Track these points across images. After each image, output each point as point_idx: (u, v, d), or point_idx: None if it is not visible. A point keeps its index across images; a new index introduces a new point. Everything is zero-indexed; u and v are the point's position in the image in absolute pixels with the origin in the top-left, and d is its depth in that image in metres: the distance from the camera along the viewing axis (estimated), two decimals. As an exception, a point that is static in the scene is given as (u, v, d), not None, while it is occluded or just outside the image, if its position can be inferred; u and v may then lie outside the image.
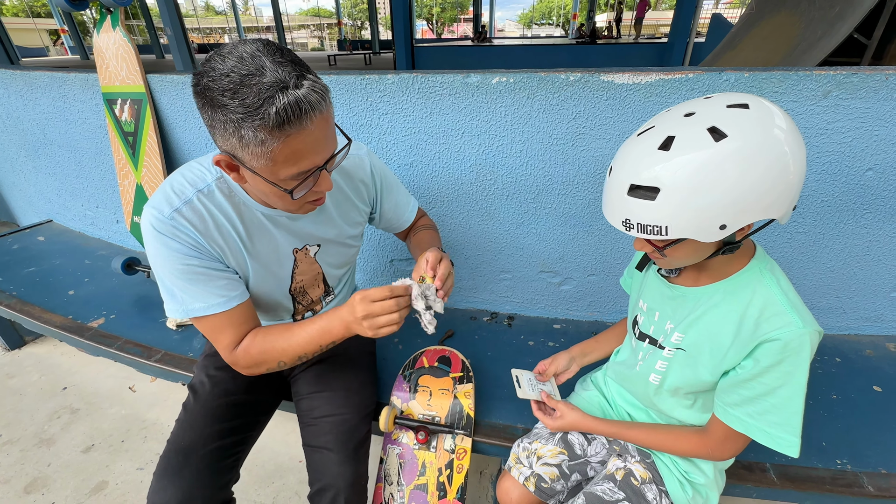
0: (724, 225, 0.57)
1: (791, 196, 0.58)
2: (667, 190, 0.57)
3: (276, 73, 0.57)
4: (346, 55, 16.61)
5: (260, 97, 0.57)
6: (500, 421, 1.14)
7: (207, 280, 0.77)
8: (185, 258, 0.74)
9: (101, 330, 1.50)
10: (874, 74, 1.06)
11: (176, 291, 0.76)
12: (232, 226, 0.79)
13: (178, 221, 0.73)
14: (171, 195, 0.74)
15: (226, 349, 0.82)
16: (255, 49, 0.59)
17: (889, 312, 1.38)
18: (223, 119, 0.59)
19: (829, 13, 4.18)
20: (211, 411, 0.93)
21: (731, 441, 0.74)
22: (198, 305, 0.77)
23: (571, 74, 1.16)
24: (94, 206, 2.09)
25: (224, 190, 0.78)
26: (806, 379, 0.65)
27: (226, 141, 0.62)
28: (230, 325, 0.81)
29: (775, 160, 0.55)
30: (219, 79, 0.57)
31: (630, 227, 0.62)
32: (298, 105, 0.58)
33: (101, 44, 1.55)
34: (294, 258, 0.91)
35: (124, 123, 1.61)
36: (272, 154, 0.61)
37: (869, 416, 1.12)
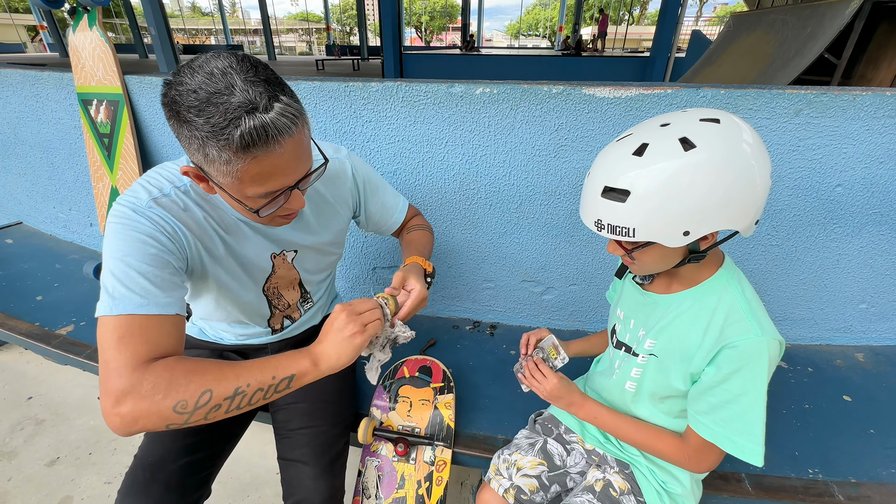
0: (688, 231, 0.60)
1: (753, 209, 0.61)
2: (636, 193, 0.59)
3: (245, 94, 0.55)
4: (334, 60, 16.59)
5: (226, 118, 0.54)
6: (480, 432, 1.13)
7: (162, 276, 0.65)
8: (152, 242, 0.65)
9: (69, 337, 1.44)
10: (842, 95, 1.10)
11: (112, 283, 0.62)
12: (209, 223, 0.75)
13: (155, 209, 0.67)
14: (149, 187, 0.69)
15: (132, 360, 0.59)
16: (228, 65, 0.56)
17: (857, 324, 1.42)
18: (188, 134, 0.57)
19: (801, 33, 4.36)
20: None
21: (706, 452, 0.74)
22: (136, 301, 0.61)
23: (554, 87, 1.17)
24: (67, 209, 2.02)
25: (198, 191, 0.74)
26: (765, 388, 0.67)
27: (192, 154, 0.60)
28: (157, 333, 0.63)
29: (740, 173, 0.58)
30: (186, 94, 0.55)
31: (601, 227, 0.64)
32: (265, 129, 0.55)
33: (76, 43, 1.51)
34: (272, 263, 0.89)
35: (100, 125, 1.56)
36: (238, 173, 0.58)
37: (839, 426, 1.14)
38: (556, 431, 1.00)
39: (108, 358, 0.60)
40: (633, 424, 0.84)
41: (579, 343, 1.07)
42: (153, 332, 0.62)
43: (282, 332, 1.03)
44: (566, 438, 0.98)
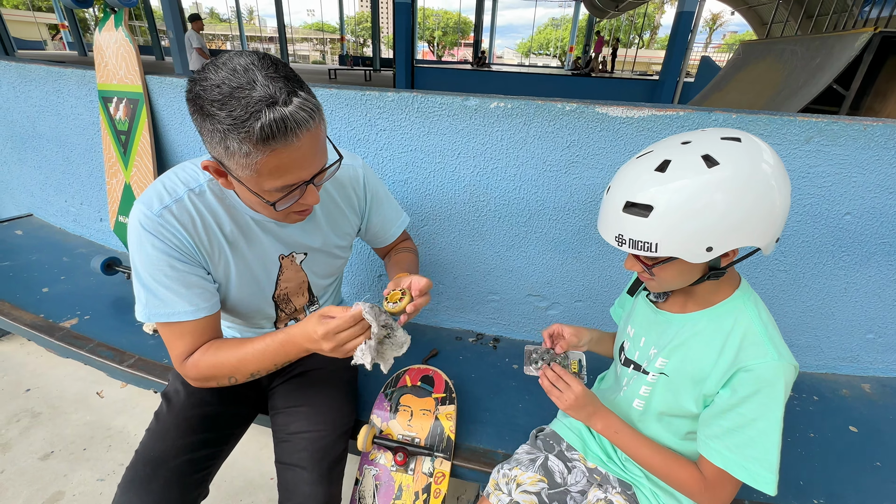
0: (711, 247, 0.60)
1: (775, 227, 0.61)
2: (659, 208, 0.60)
3: (266, 88, 0.57)
4: (346, 70, 16.87)
5: (247, 111, 0.57)
6: (480, 445, 1.12)
7: (181, 286, 0.75)
8: (165, 258, 0.73)
9: (72, 331, 1.44)
10: (853, 124, 1.11)
11: (142, 293, 0.75)
12: (219, 227, 0.79)
13: (165, 219, 0.72)
14: (162, 192, 0.74)
15: (177, 358, 0.80)
16: (250, 62, 0.59)
17: (864, 353, 1.41)
18: (211, 128, 0.59)
19: (810, 63, 4.41)
20: (184, 422, 0.89)
21: (722, 484, 0.71)
22: (163, 311, 0.75)
23: (567, 105, 1.19)
24: (79, 203, 2.04)
25: (216, 191, 0.78)
26: (781, 413, 0.66)
27: (213, 148, 0.63)
28: (190, 334, 0.78)
29: (762, 191, 0.58)
30: (210, 88, 0.58)
31: (622, 242, 0.64)
32: (284, 122, 0.58)
33: (101, 42, 1.54)
34: (280, 264, 0.90)
35: (118, 122, 1.59)
36: (256, 166, 0.61)
37: (844, 457, 1.13)
38: (557, 448, 0.98)
39: (168, 347, 0.80)
40: (652, 448, 0.80)
41: (597, 331, 1.00)
42: (199, 328, 0.78)
43: None
44: (568, 456, 0.97)
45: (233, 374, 0.79)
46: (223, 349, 0.79)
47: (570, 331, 0.94)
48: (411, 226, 1.45)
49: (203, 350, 0.79)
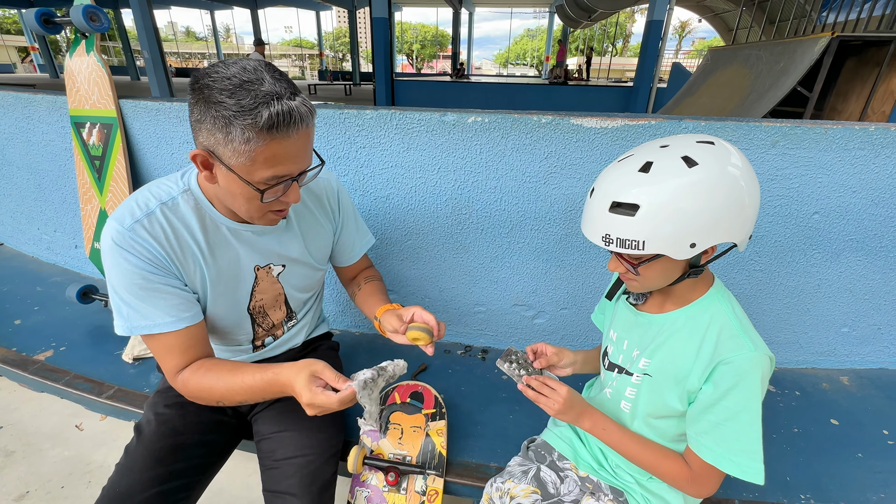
0: (694, 243, 0.63)
1: (749, 223, 0.65)
2: (645, 207, 0.62)
3: (273, 86, 0.64)
4: (326, 85, 16.89)
5: (255, 100, 0.62)
6: (472, 460, 1.11)
7: (159, 298, 0.76)
8: (140, 272, 0.74)
9: (48, 363, 1.39)
10: (815, 128, 1.16)
11: (123, 307, 0.76)
12: (193, 239, 0.80)
13: (137, 233, 0.74)
14: (133, 207, 0.75)
15: (169, 373, 0.81)
16: (257, 65, 0.66)
17: (841, 347, 1.45)
18: (214, 114, 0.63)
19: (775, 67, 4.59)
20: (153, 454, 0.85)
21: (708, 476, 0.74)
22: (144, 323, 0.76)
23: (543, 117, 1.21)
24: (52, 231, 1.98)
25: (189, 202, 0.79)
26: (760, 403, 0.68)
27: (210, 136, 0.66)
28: (177, 347, 0.79)
29: (737, 189, 0.62)
30: (220, 80, 0.63)
31: (609, 241, 0.66)
32: (290, 113, 0.64)
33: (72, 67, 1.52)
34: (255, 276, 0.91)
35: (91, 147, 1.56)
36: (253, 153, 0.65)
37: (827, 450, 1.15)
38: (549, 458, 0.98)
39: (160, 362, 0.82)
40: (638, 441, 0.82)
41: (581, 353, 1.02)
42: (185, 339, 0.79)
43: (263, 350, 1.03)
44: (559, 465, 0.97)
45: (221, 400, 0.81)
46: (213, 373, 0.79)
47: (553, 350, 0.97)
48: (395, 241, 1.45)
49: (194, 369, 0.80)
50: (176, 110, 1.45)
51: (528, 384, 0.87)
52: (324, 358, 1.14)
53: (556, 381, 0.86)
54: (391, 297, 1.54)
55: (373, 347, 1.53)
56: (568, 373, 1.00)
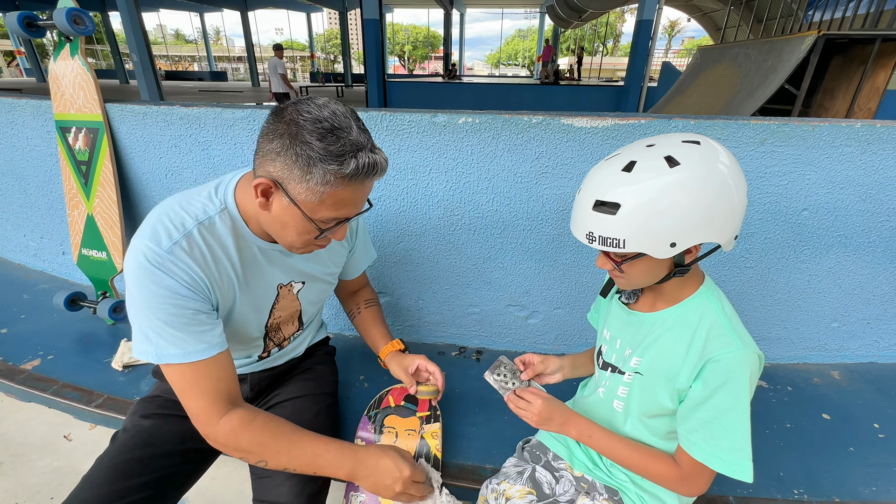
0: (674, 243, 0.63)
1: (733, 225, 0.65)
2: (626, 206, 0.62)
3: (360, 136, 0.67)
4: (318, 87, 16.82)
5: (345, 148, 0.65)
6: (468, 461, 1.10)
7: (191, 324, 0.73)
8: (175, 297, 0.71)
9: (35, 372, 1.37)
10: (802, 125, 1.17)
11: (151, 333, 0.71)
12: (229, 260, 0.79)
13: (176, 255, 0.71)
14: (170, 228, 0.72)
15: (206, 413, 0.74)
16: (347, 111, 0.68)
17: (831, 342, 1.47)
18: (298, 152, 0.64)
19: (763, 66, 4.64)
20: (117, 466, 0.81)
21: (698, 474, 0.74)
22: (175, 351, 0.71)
23: (534, 117, 1.21)
24: (39, 237, 1.95)
25: (227, 222, 0.78)
26: (748, 401, 0.69)
27: (286, 170, 0.66)
28: (209, 379, 0.74)
29: (720, 190, 0.62)
30: (312, 121, 0.64)
31: (592, 239, 0.67)
32: (374, 165, 0.68)
33: (57, 71, 1.50)
34: (277, 293, 0.91)
35: (78, 152, 1.54)
36: (325, 195, 0.67)
37: (820, 445, 1.16)
38: (544, 458, 0.98)
39: (186, 402, 0.75)
40: (626, 445, 0.82)
41: (568, 358, 1.05)
42: (214, 369, 0.75)
43: (267, 359, 1.02)
44: (554, 465, 0.97)
45: (267, 459, 0.77)
46: (272, 430, 0.78)
47: (539, 358, 0.98)
48: (388, 243, 1.45)
49: (249, 419, 0.76)
50: (164, 114, 1.43)
51: (510, 399, 0.89)
52: (319, 363, 1.16)
53: (532, 393, 0.87)
54: (384, 301, 1.53)
55: (366, 351, 1.52)
56: (557, 379, 1.01)
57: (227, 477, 1.34)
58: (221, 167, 1.45)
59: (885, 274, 1.35)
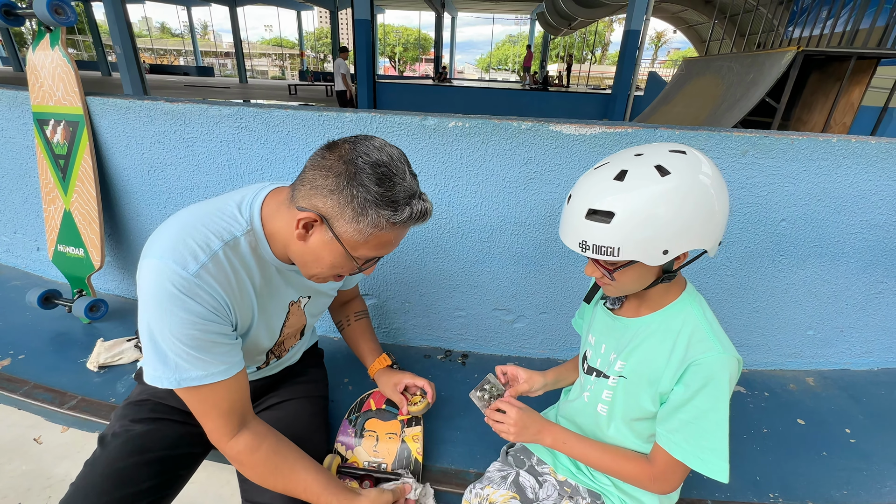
0: (667, 250, 0.64)
1: (719, 230, 0.67)
2: (620, 215, 0.63)
3: (412, 183, 0.70)
4: (307, 85, 16.68)
5: (401, 195, 0.67)
6: (452, 466, 1.10)
7: (213, 346, 0.72)
8: (201, 322, 0.69)
9: (5, 373, 1.32)
10: (782, 138, 1.20)
11: (170, 356, 0.69)
12: (251, 280, 0.78)
13: (203, 280, 0.69)
14: (195, 249, 0.69)
15: (220, 432, 0.76)
16: (400, 155, 0.70)
17: (807, 349, 1.51)
18: (354, 193, 0.65)
19: (745, 78, 4.77)
20: (117, 472, 0.80)
21: (672, 472, 0.76)
22: (196, 374, 0.70)
23: (523, 123, 1.22)
24: (12, 232, 1.89)
25: (251, 243, 0.76)
26: (727, 404, 0.70)
27: (337, 207, 0.66)
28: (226, 398, 0.74)
29: (707, 197, 0.64)
30: (372, 164, 0.65)
31: (586, 248, 0.67)
32: (425, 213, 0.70)
33: (35, 61, 1.45)
34: (288, 310, 0.92)
35: (56, 146, 1.49)
36: (371, 236, 0.69)
37: (795, 449, 1.19)
38: (528, 463, 0.99)
39: (205, 421, 0.76)
40: (599, 449, 0.84)
41: (552, 372, 1.07)
42: (234, 389, 0.75)
43: (266, 369, 1.02)
44: (538, 470, 0.97)
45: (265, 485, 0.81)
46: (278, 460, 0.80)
47: (525, 376, 1.00)
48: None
49: (255, 440, 0.78)
50: (147, 109, 1.40)
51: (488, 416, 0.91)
52: (311, 367, 1.16)
53: (507, 403, 0.89)
54: (370, 303, 1.52)
55: (351, 354, 1.51)
56: (539, 393, 1.04)
57: (207, 480, 1.31)
58: (206, 164, 1.42)
59: (857, 284, 1.40)
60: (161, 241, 0.69)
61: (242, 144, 1.36)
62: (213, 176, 1.44)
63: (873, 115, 4.41)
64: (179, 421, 0.91)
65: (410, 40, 54.66)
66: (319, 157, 0.69)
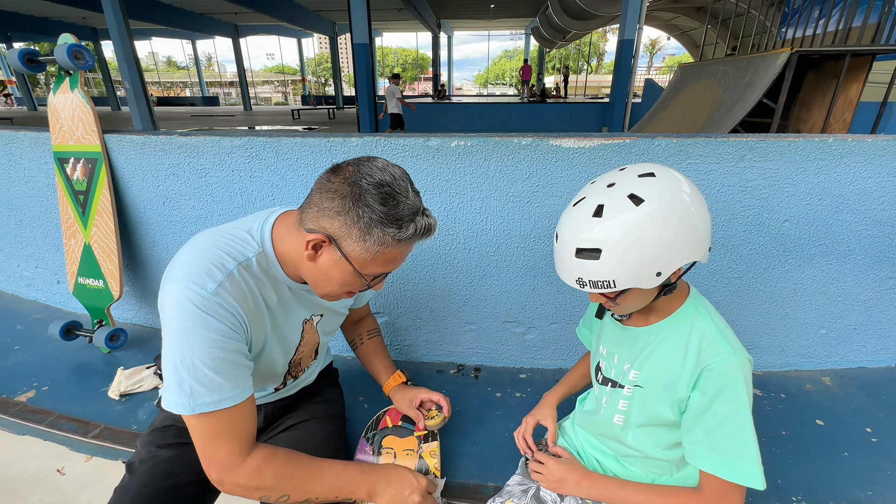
0: (660, 272, 0.66)
1: (704, 241, 0.69)
2: (607, 249, 0.65)
3: (415, 200, 0.72)
4: (309, 109, 17.04)
5: (404, 213, 0.70)
6: (469, 480, 1.10)
7: (230, 367, 0.73)
8: (221, 339, 0.71)
9: (29, 405, 1.35)
10: (778, 141, 1.23)
11: (186, 380, 0.69)
12: (265, 300, 0.81)
13: (222, 297, 0.71)
14: (212, 269, 0.72)
15: (227, 458, 0.73)
16: (402, 174, 0.73)
17: (821, 348, 1.50)
18: (360, 213, 0.68)
19: (741, 81, 4.81)
20: (145, 498, 0.82)
21: (724, 495, 0.73)
22: (210, 399, 0.70)
23: (523, 139, 1.26)
24: (34, 266, 1.95)
25: (262, 264, 0.79)
26: (748, 407, 0.70)
27: (344, 228, 0.69)
28: (235, 423, 0.74)
29: (686, 213, 0.66)
30: (375, 185, 0.68)
31: (583, 284, 0.70)
32: (429, 228, 0.73)
33: (56, 103, 1.53)
34: (302, 329, 0.94)
35: (75, 182, 1.56)
36: (378, 253, 0.71)
37: (815, 451, 1.18)
38: (547, 475, 0.99)
39: (209, 449, 0.73)
40: (643, 491, 0.82)
41: (561, 387, 1.09)
42: (242, 415, 0.75)
43: (282, 391, 1.04)
44: (557, 482, 0.97)
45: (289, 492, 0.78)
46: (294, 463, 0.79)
47: (551, 427, 1.03)
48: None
49: (269, 456, 0.76)
50: (162, 143, 1.46)
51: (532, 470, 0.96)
52: (327, 386, 1.18)
53: (543, 456, 0.95)
54: (382, 321, 1.55)
55: (365, 372, 1.52)
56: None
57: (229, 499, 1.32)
58: (219, 193, 1.47)
59: (867, 281, 1.40)
60: (179, 266, 0.73)
61: (253, 173, 1.41)
62: (226, 204, 1.49)
63: (873, 111, 4.41)
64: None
65: (409, 61, 55.77)
66: (325, 181, 0.71)
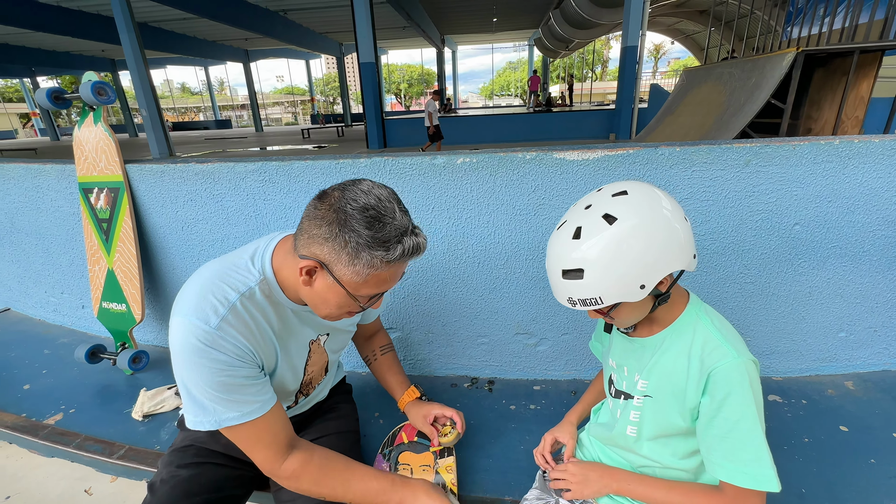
0: (643, 284, 0.68)
1: (685, 250, 0.70)
2: (588, 269, 0.69)
3: (402, 220, 0.72)
4: (319, 128, 17.40)
5: (391, 235, 0.70)
6: (487, 494, 1.10)
7: (244, 388, 0.77)
8: (228, 369, 0.75)
9: (57, 427, 1.40)
10: (783, 145, 1.23)
11: (206, 403, 0.75)
12: (270, 326, 0.84)
13: (225, 332, 0.74)
14: (215, 304, 0.75)
15: (269, 462, 0.81)
16: (389, 194, 0.74)
17: (841, 352, 1.47)
18: (346, 239, 0.69)
19: (747, 83, 4.79)
20: None
21: (743, 499, 0.72)
22: (232, 415, 0.76)
23: (528, 153, 1.29)
24: (59, 292, 2.03)
25: (265, 291, 0.82)
26: (757, 410, 0.70)
27: (333, 253, 0.70)
28: (268, 431, 0.80)
29: (657, 226, 0.68)
30: (360, 209, 0.69)
31: (574, 303, 0.73)
32: (418, 247, 0.73)
33: (81, 137, 1.61)
34: (309, 349, 0.96)
35: (99, 211, 1.63)
36: (369, 276, 0.72)
37: (840, 458, 1.15)
38: (564, 488, 0.99)
39: (252, 454, 0.81)
40: (665, 486, 0.83)
41: (581, 405, 1.10)
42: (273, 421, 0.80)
43: (295, 408, 1.06)
44: (574, 494, 0.97)
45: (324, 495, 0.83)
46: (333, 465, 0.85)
47: (570, 444, 1.03)
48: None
49: (301, 461, 0.82)
50: (180, 171, 1.53)
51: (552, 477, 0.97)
52: (340, 402, 1.20)
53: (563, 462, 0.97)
54: (394, 336, 1.57)
55: (380, 388, 1.54)
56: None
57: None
58: (234, 217, 1.53)
59: (884, 282, 1.38)
60: (185, 299, 0.77)
61: (267, 196, 1.46)
62: (241, 227, 1.54)
63: (886, 107, 4.34)
64: (221, 464, 0.97)
65: (414, 76, 56.69)
66: (312, 208, 0.73)
